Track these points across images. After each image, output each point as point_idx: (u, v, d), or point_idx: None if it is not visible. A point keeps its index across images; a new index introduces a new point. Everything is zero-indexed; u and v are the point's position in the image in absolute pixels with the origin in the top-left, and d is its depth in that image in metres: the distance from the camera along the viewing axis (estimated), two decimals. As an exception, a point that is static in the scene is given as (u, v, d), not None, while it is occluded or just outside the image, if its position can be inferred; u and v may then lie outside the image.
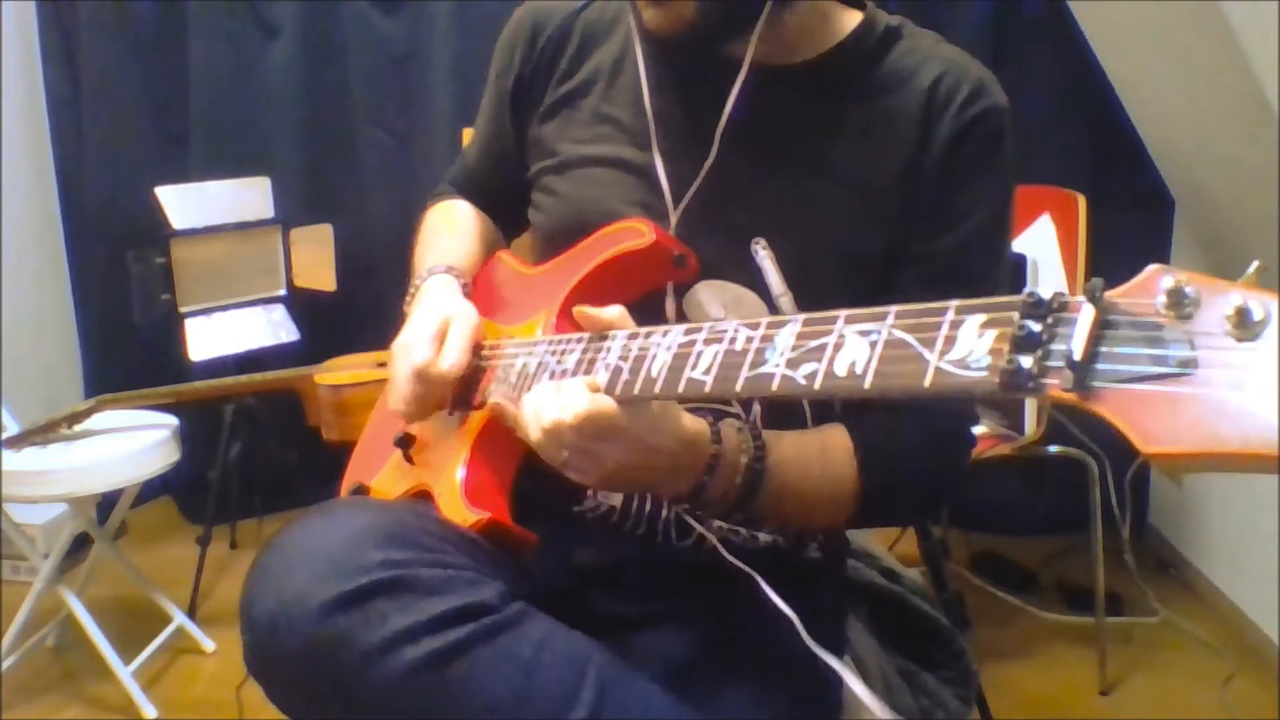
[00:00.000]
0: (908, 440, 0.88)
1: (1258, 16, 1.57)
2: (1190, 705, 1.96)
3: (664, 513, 0.90)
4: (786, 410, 0.90)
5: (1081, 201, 2.05)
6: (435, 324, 0.88)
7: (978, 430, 2.02)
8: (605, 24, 0.99)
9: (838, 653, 0.95)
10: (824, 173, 0.89)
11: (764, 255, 0.88)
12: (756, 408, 0.89)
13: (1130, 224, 2.40)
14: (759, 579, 0.81)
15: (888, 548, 1.29)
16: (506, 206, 1.09)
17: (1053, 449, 2.00)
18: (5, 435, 1.87)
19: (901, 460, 0.87)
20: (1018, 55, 2.39)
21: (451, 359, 0.86)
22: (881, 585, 1.08)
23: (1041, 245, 2.05)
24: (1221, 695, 1.97)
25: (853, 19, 0.93)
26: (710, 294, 0.89)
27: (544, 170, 0.99)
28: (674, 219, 0.90)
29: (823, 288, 0.83)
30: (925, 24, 0.95)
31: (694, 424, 0.77)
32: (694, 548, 0.90)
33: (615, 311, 0.78)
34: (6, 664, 1.94)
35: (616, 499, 0.91)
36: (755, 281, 0.88)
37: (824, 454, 0.86)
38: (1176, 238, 2.44)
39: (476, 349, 0.90)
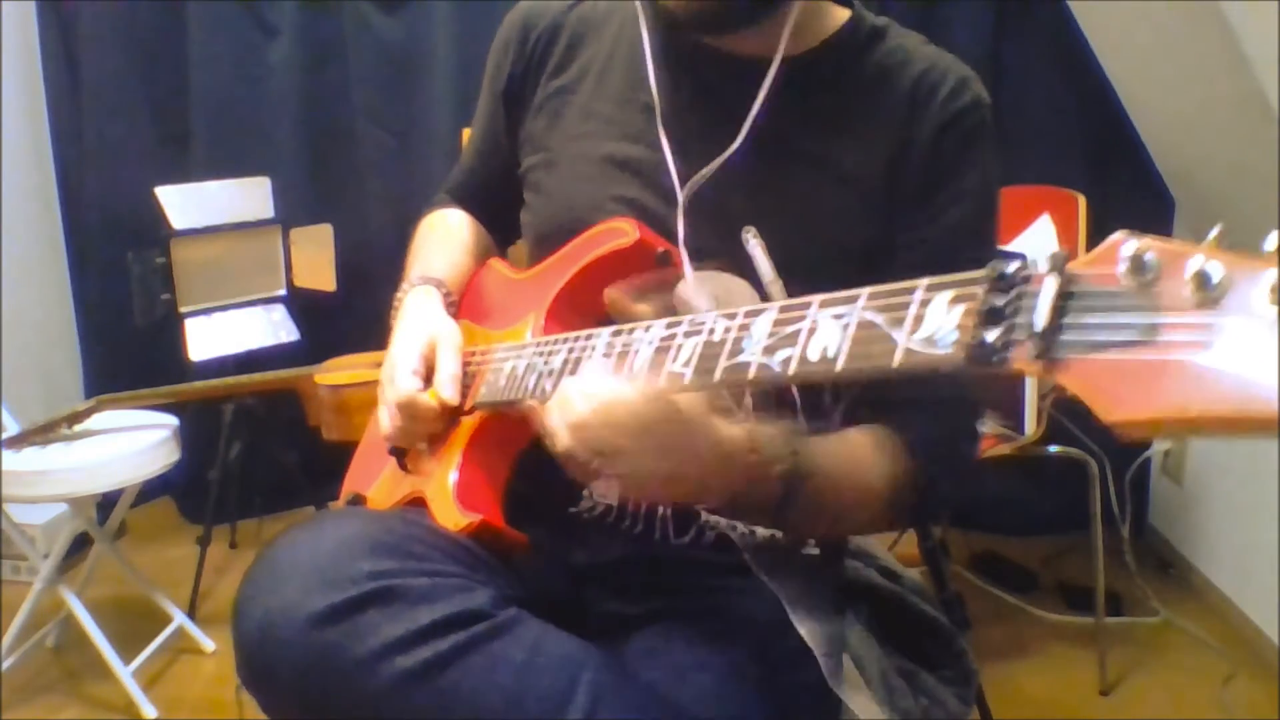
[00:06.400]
0: (928, 439, 0.87)
1: (1258, 16, 1.57)
2: (1190, 705, 1.96)
3: (660, 510, 0.90)
4: (775, 407, 0.89)
5: (1081, 201, 2.05)
6: (419, 349, 0.89)
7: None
8: (597, 20, 1.00)
9: (835, 648, 0.95)
10: (814, 163, 0.90)
11: (754, 244, 0.88)
12: (748, 400, 0.89)
13: (1130, 224, 2.37)
14: (788, 607, 0.79)
15: (888, 548, 1.29)
16: (501, 211, 1.08)
17: (1053, 449, 1.99)
18: (5, 435, 1.87)
19: (933, 459, 0.87)
20: (1018, 55, 2.39)
21: (449, 392, 0.87)
22: (881, 585, 1.08)
23: (1041, 245, 2.04)
24: (1221, 695, 1.97)
25: (840, 16, 0.94)
26: (698, 286, 0.89)
27: (534, 167, 1.00)
28: (681, 207, 0.90)
29: (814, 276, 0.81)
30: (927, 24, 0.95)
31: (731, 430, 0.75)
32: (692, 544, 0.90)
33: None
34: (6, 664, 1.94)
35: (613, 498, 0.91)
36: (748, 270, 0.88)
37: (855, 462, 0.84)
38: (1177, 238, 2.44)
39: (463, 361, 0.90)
